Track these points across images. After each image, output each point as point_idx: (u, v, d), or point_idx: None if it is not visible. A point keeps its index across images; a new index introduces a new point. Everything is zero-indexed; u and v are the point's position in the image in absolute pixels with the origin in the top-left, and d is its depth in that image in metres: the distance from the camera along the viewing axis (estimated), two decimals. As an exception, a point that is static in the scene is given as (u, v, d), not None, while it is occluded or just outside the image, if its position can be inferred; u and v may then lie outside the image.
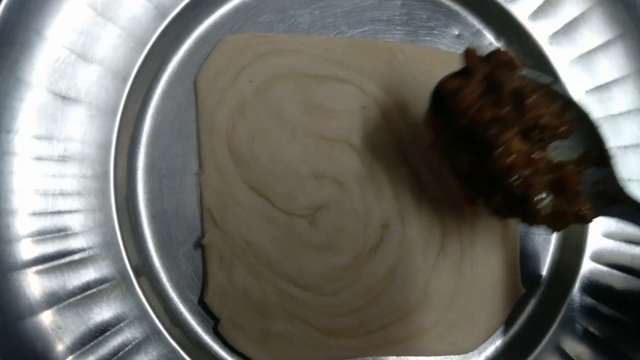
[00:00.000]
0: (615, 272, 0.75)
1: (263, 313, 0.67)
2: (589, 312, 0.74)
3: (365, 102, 0.74)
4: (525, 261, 0.76)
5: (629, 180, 0.77)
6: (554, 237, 0.78)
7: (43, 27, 0.65)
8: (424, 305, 0.71)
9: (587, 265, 0.75)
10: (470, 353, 0.73)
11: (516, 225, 0.76)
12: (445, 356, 0.72)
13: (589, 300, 0.74)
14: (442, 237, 0.73)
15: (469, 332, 0.72)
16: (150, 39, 0.71)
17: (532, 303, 0.76)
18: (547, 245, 0.78)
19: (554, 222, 0.56)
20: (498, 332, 0.74)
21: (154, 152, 0.71)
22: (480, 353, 0.73)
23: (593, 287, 0.75)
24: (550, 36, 0.80)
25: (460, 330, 0.72)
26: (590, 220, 0.56)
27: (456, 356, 0.73)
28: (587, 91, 0.79)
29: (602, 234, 0.76)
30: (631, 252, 0.75)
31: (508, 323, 0.75)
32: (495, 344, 0.74)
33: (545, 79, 0.56)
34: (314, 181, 0.71)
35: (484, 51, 0.61)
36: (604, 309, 0.73)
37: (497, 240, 0.75)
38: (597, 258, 0.75)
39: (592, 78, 0.80)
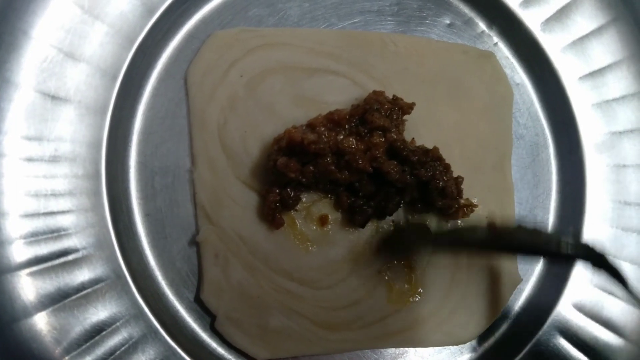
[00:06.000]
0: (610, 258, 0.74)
1: (260, 308, 0.67)
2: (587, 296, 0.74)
3: (357, 94, 0.74)
4: (522, 250, 0.76)
5: (624, 166, 0.77)
6: (550, 225, 0.78)
7: (30, 27, 0.65)
8: (421, 296, 0.71)
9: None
10: (468, 343, 0.73)
11: (512, 214, 0.76)
12: (444, 347, 0.72)
13: (587, 284, 0.74)
14: (437, 226, 0.73)
15: (466, 322, 0.72)
16: (138, 35, 0.70)
17: (530, 291, 0.76)
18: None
19: None
20: (496, 322, 0.73)
21: (145, 149, 0.70)
22: (478, 343, 0.73)
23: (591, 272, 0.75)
24: (542, 23, 0.80)
25: (458, 320, 0.72)
26: None
27: (454, 346, 0.73)
28: (580, 77, 0.79)
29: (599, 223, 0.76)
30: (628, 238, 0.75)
31: (506, 312, 0.74)
32: (493, 334, 0.74)
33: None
34: (307, 175, 0.71)
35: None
36: (602, 293, 0.73)
37: (493, 230, 0.74)
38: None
39: (585, 64, 0.79)
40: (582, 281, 0.74)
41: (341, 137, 0.66)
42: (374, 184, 0.67)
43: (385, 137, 0.66)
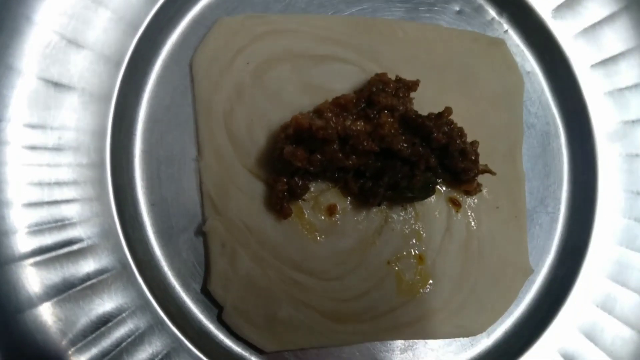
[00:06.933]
0: (623, 249, 0.74)
1: (267, 300, 0.66)
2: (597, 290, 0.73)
3: (365, 81, 0.72)
4: (534, 241, 0.75)
5: (636, 155, 0.75)
6: (562, 215, 0.77)
7: (32, 12, 0.63)
8: (431, 288, 0.70)
9: (596, 242, 0.74)
10: (479, 335, 0.72)
11: (523, 205, 0.75)
12: (454, 339, 0.71)
13: (600, 276, 0.73)
14: (447, 217, 0.72)
15: (477, 314, 0.71)
16: (143, 21, 0.69)
17: (541, 283, 0.74)
18: (555, 224, 0.76)
19: None
20: (507, 314, 0.72)
21: (150, 138, 0.69)
22: (489, 335, 0.72)
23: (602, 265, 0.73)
24: (553, 10, 0.78)
25: (469, 312, 0.71)
26: None
27: (464, 338, 0.71)
28: (592, 65, 0.78)
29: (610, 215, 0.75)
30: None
31: (517, 304, 0.73)
32: (504, 326, 0.73)
33: None
34: (315, 164, 0.69)
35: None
36: (616, 286, 0.72)
37: (504, 220, 0.73)
38: (605, 236, 0.74)
39: (597, 52, 0.78)
40: (595, 273, 0.73)
41: (349, 122, 0.65)
42: (379, 160, 0.66)
43: (393, 115, 0.66)
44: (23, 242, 0.61)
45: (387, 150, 0.65)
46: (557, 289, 0.74)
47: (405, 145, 0.65)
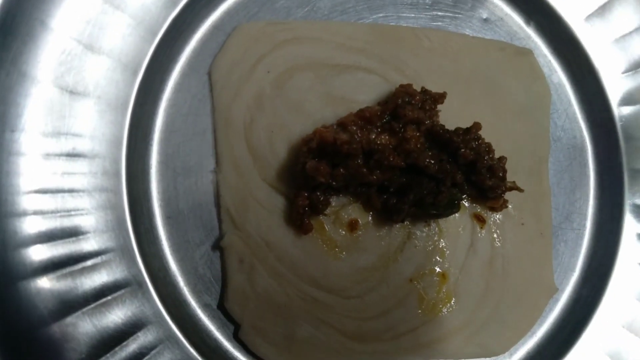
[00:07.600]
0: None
1: (286, 317, 0.64)
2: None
3: (388, 92, 0.70)
4: (558, 258, 0.73)
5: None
6: (587, 232, 0.74)
7: (48, 16, 0.61)
8: (453, 306, 0.68)
9: (623, 261, 0.72)
10: (501, 356, 0.69)
11: (549, 222, 0.72)
12: (476, 359, 0.69)
13: (626, 296, 0.71)
14: (472, 234, 0.70)
15: (500, 333, 0.69)
16: (161, 27, 0.67)
17: (566, 302, 0.72)
18: (580, 241, 0.74)
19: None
20: (530, 334, 0.70)
21: (167, 148, 0.67)
22: (511, 355, 0.70)
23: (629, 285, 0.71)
24: (584, 18, 0.76)
25: (491, 331, 0.69)
26: None
27: (487, 359, 0.69)
28: (622, 77, 0.75)
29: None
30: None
31: (540, 324, 0.71)
32: (526, 346, 0.71)
33: None
34: (337, 177, 0.67)
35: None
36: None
37: (529, 237, 0.71)
38: (632, 254, 0.72)
39: (628, 62, 0.76)
40: (622, 293, 0.71)
41: (373, 135, 0.62)
42: (404, 176, 0.64)
43: (419, 129, 0.63)
44: (36, 257, 0.59)
45: (412, 166, 0.63)
46: (582, 308, 0.72)
47: (432, 161, 0.62)
